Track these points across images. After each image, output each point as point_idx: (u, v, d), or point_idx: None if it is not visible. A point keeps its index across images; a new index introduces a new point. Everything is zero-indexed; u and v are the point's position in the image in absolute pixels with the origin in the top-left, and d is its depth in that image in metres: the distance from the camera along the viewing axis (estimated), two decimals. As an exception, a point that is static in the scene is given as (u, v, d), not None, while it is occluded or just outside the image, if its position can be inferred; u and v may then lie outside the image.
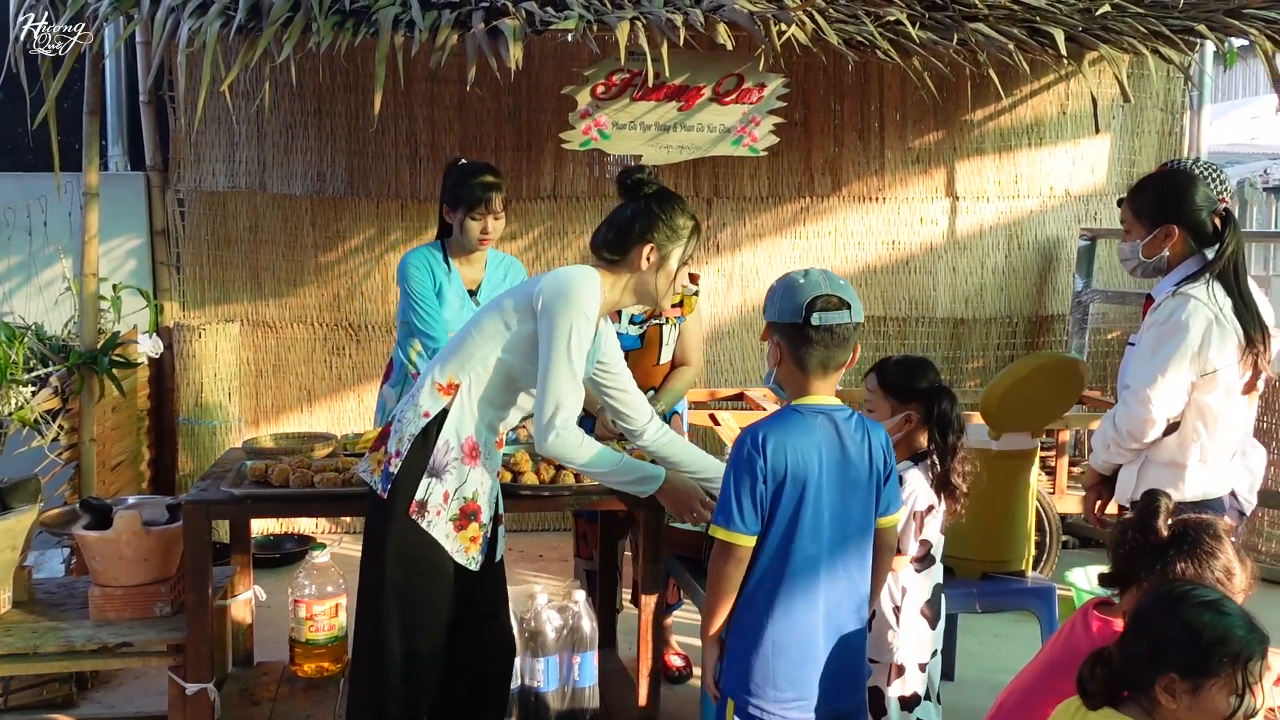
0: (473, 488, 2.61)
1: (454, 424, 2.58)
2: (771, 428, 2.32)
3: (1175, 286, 2.85)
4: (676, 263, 2.67)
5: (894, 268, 5.91)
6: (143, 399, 5.29)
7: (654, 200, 2.69)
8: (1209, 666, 1.87)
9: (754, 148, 4.69)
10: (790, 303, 2.32)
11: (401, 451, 2.57)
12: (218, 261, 5.54)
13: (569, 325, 2.51)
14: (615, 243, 2.68)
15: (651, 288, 2.67)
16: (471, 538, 2.61)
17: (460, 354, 2.64)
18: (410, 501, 2.55)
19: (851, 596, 2.38)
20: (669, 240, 2.65)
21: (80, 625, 3.02)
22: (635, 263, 2.65)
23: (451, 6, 4.14)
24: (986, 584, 3.19)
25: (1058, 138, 5.94)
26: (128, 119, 5.57)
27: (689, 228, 2.70)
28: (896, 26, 4.28)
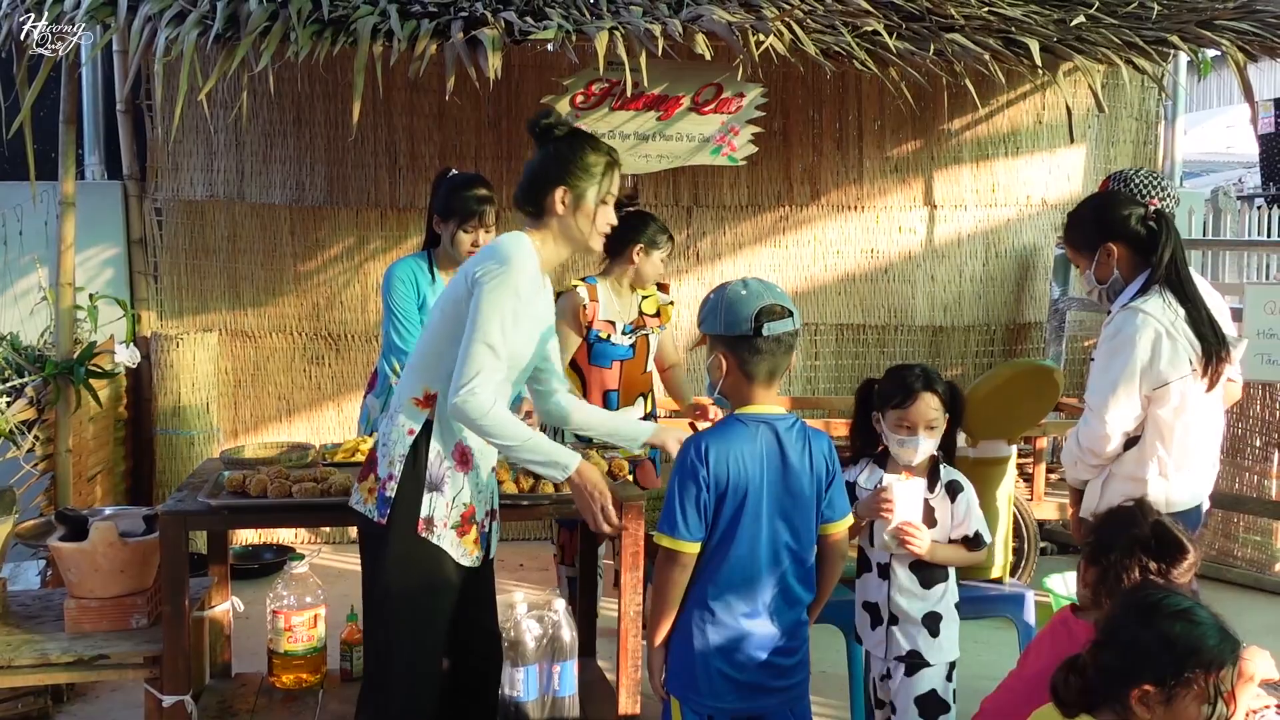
0: (469, 492, 2.60)
1: (440, 434, 2.55)
2: (714, 437, 2.41)
3: (1129, 300, 2.88)
4: (594, 201, 2.60)
5: (873, 276, 5.94)
6: (120, 409, 5.26)
7: (562, 143, 2.62)
8: (1183, 677, 1.89)
9: (733, 157, 4.71)
10: (736, 314, 2.38)
11: (395, 474, 2.54)
12: (195, 271, 5.52)
13: (498, 301, 2.45)
14: (529, 193, 2.63)
15: (575, 231, 2.61)
16: (474, 540, 2.63)
17: (427, 363, 2.60)
18: (417, 521, 2.53)
19: (791, 602, 2.48)
20: (581, 180, 2.58)
21: (56, 638, 2.99)
22: (552, 209, 2.59)
23: (430, 16, 4.15)
24: (963, 590, 3.19)
25: (1034, 147, 5.99)
26: (104, 128, 5.55)
27: (602, 164, 2.61)
28: (874, 37, 4.31)
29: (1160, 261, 2.86)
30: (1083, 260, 2.99)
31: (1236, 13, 4.62)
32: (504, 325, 2.46)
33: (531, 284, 2.55)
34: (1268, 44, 4.52)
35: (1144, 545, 2.31)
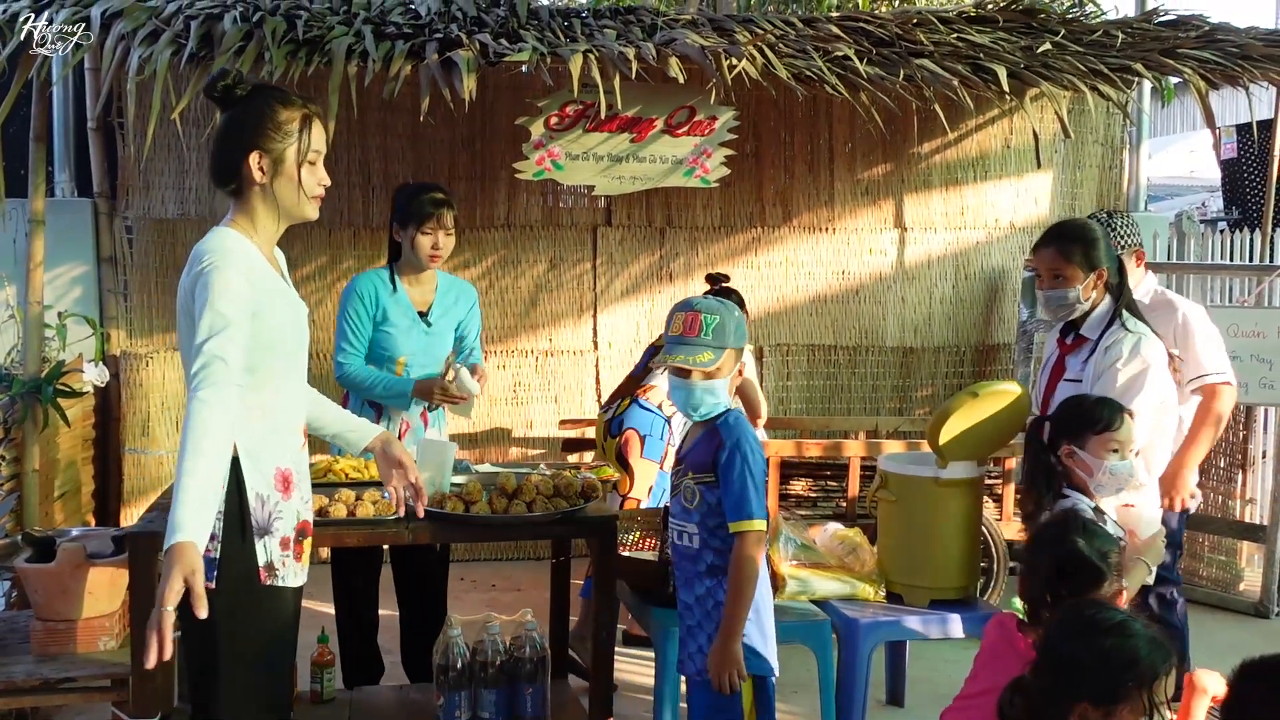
0: (295, 513, 2.38)
1: (255, 476, 2.28)
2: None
3: (1118, 324, 3.11)
4: (295, 162, 2.30)
5: (844, 297, 6.00)
6: (86, 428, 5.20)
7: (247, 103, 2.31)
8: (1119, 692, 1.92)
9: (705, 179, 4.75)
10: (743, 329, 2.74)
11: (216, 533, 2.21)
12: (166, 289, 5.47)
13: (210, 304, 2.15)
14: (222, 168, 2.31)
15: (280, 200, 2.31)
16: (310, 551, 2.47)
17: None
18: (257, 572, 2.28)
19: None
20: (276, 140, 2.28)
21: (21, 660, 2.95)
22: (250, 179, 2.28)
23: (405, 37, 4.17)
24: (936, 610, 3.23)
25: (1002, 171, 6.07)
26: (75, 145, 5.52)
27: (297, 118, 2.30)
28: (844, 62, 4.38)
29: (1128, 293, 3.21)
30: (1077, 275, 3.14)
31: (1198, 41, 4.72)
32: (234, 343, 2.16)
33: (255, 269, 2.25)
34: (1229, 72, 4.62)
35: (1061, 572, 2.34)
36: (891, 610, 3.25)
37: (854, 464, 4.76)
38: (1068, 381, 3.19)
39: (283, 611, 2.38)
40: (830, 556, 3.44)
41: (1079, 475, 2.84)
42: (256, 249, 2.30)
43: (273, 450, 2.32)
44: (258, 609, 2.32)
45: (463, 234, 5.61)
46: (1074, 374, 3.18)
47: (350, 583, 3.87)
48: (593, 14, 4.85)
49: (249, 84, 2.33)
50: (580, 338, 5.77)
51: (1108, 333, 3.13)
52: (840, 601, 3.28)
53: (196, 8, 4.08)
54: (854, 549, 3.48)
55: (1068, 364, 3.23)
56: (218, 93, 2.31)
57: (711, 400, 2.66)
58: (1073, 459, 2.84)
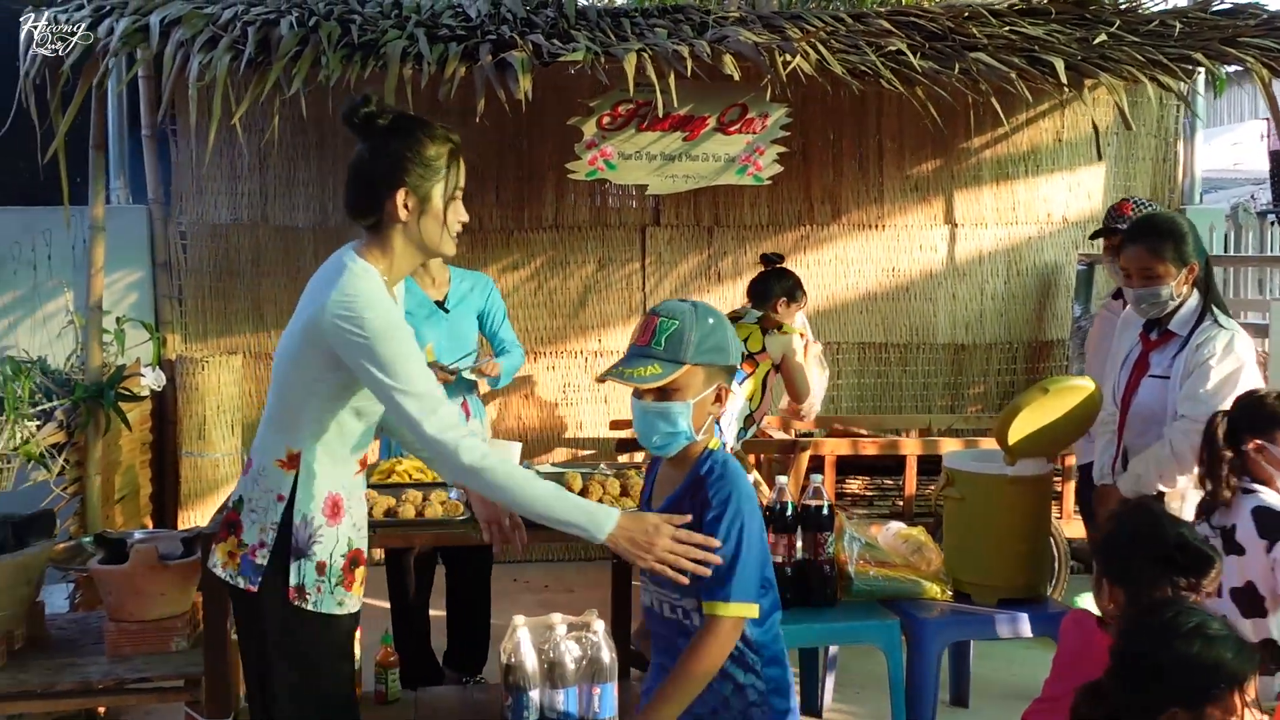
0: (346, 540, 2.32)
1: (305, 497, 2.25)
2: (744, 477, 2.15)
3: (1210, 320, 3.08)
4: (442, 200, 2.21)
5: (894, 294, 5.95)
6: (143, 432, 5.26)
7: (392, 135, 2.19)
8: (1209, 695, 1.88)
9: (758, 176, 4.73)
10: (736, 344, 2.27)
11: (266, 541, 2.24)
12: (220, 294, 5.53)
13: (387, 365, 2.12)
14: (363, 202, 2.21)
15: (421, 239, 2.21)
16: (361, 581, 2.37)
17: (286, 420, 2.26)
18: (287, 589, 2.25)
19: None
20: (424, 178, 2.18)
21: (96, 661, 2.98)
22: (395, 216, 2.18)
23: (458, 39, 4.18)
24: (1006, 609, 3.19)
25: (1054, 165, 6.00)
26: (129, 153, 5.58)
27: (444, 154, 2.21)
28: (898, 56, 4.34)
29: (1215, 288, 3.19)
30: (1170, 271, 3.08)
31: (1260, 29, 4.64)
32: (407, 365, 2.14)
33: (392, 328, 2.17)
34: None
35: (1171, 563, 2.29)
36: (960, 610, 3.21)
37: (910, 462, 4.72)
38: (1154, 378, 3.14)
39: (320, 637, 2.30)
40: (895, 555, 3.40)
41: (1266, 469, 2.79)
42: (384, 285, 2.21)
43: (330, 474, 2.28)
44: (293, 628, 2.28)
45: (510, 236, 5.65)
46: (1161, 370, 3.13)
47: (405, 584, 3.90)
48: (641, 13, 4.84)
49: (390, 112, 2.20)
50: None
51: (1199, 329, 3.08)
52: (908, 601, 3.24)
53: (253, 14, 4.11)
54: (919, 547, 3.44)
55: (1152, 360, 3.17)
56: (359, 120, 2.18)
57: (667, 429, 2.07)
58: (1263, 454, 2.78)
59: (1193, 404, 3.01)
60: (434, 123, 2.25)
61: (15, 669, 2.92)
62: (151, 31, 3.93)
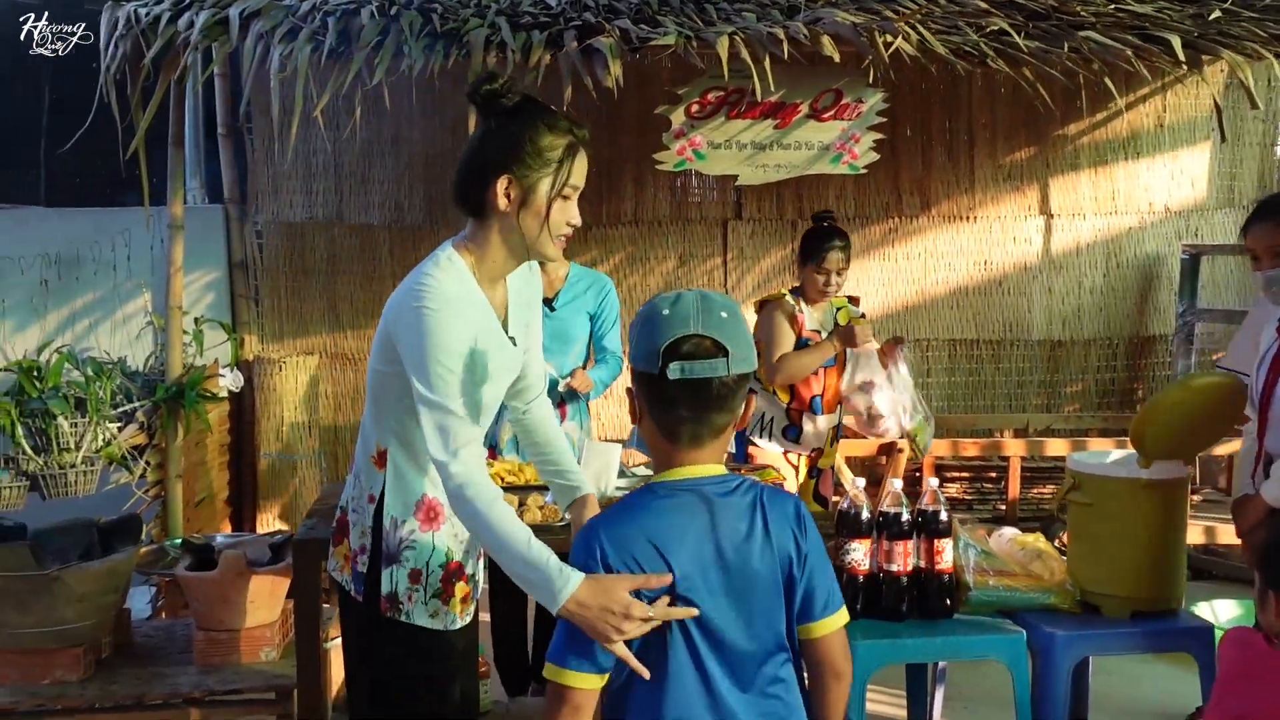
0: (445, 550, 2.15)
1: (394, 497, 2.12)
2: (613, 522, 1.75)
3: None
4: (548, 195, 2.01)
5: (986, 289, 5.70)
6: (221, 434, 5.20)
7: (510, 118, 2.01)
8: None
9: (854, 165, 4.52)
10: (646, 344, 1.70)
11: (365, 546, 2.13)
12: (295, 293, 5.46)
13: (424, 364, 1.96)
14: (467, 186, 2.04)
15: (519, 234, 2.02)
16: (463, 598, 2.20)
17: (374, 415, 2.14)
18: (379, 599, 2.12)
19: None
20: (532, 168, 1.99)
21: (185, 671, 2.89)
22: (494, 205, 2.01)
23: (541, 26, 4.04)
24: (1141, 623, 2.96)
25: (1156, 151, 5.71)
26: (205, 151, 5.54)
27: (561, 147, 2.00)
28: (1001, 36, 4.12)
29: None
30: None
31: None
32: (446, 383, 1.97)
33: (467, 311, 2.01)
34: None
35: None
36: (1090, 623, 2.99)
37: (1014, 464, 4.49)
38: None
39: (415, 651, 2.14)
40: (1013, 563, 3.20)
41: None
42: (476, 284, 2.06)
43: (427, 475, 2.11)
44: (386, 640, 2.14)
45: (589, 231, 5.50)
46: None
47: (500, 591, 3.76)
48: (726, -2, 4.66)
49: (517, 94, 2.03)
50: None
51: None
52: (1031, 613, 3.03)
53: (332, 3, 4.01)
54: (1038, 555, 3.23)
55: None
56: (480, 97, 2.01)
57: None
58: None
59: None
60: (560, 112, 2.07)
61: (104, 679, 2.84)
62: (231, 24, 3.85)
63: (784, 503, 1.78)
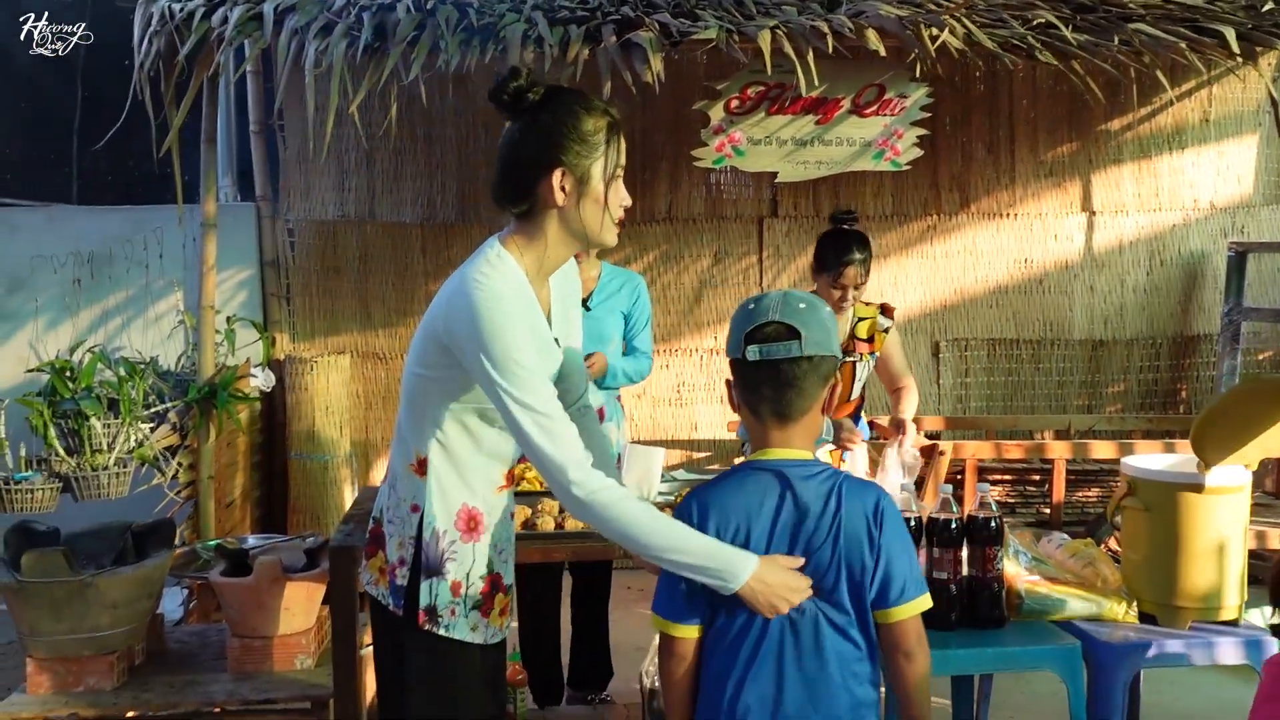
0: (485, 561, 2.10)
1: (435, 507, 2.05)
2: (709, 491, 1.97)
3: None
4: (603, 179, 1.99)
5: (1027, 287, 5.59)
6: (252, 434, 5.16)
7: (544, 110, 1.96)
8: None
9: (896, 161, 4.43)
10: (734, 335, 1.93)
11: (406, 559, 2.05)
12: (327, 292, 5.42)
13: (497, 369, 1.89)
14: (514, 186, 1.98)
15: (580, 225, 1.99)
16: (501, 610, 2.15)
17: (413, 421, 2.06)
18: (418, 612, 2.05)
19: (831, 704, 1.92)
20: (582, 155, 1.96)
21: (219, 679, 2.83)
22: (549, 200, 1.96)
23: (578, 21, 3.97)
24: (1200, 633, 2.86)
25: (1201, 147, 5.59)
26: (237, 149, 5.50)
27: (603, 128, 1.98)
28: (1048, 29, 4.02)
29: None
30: None
31: None
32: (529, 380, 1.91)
33: (524, 309, 1.98)
34: None
35: None
36: (1150, 632, 2.89)
37: (1059, 466, 4.38)
38: None
39: (452, 666, 2.07)
40: (1064, 571, 3.10)
41: None
42: (527, 282, 2.01)
43: (462, 483, 2.06)
44: (424, 655, 2.06)
45: (623, 228, 5.40)
46: None
47: (533, 598, 3.69)
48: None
49: (542, 85, 1.98)
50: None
51: None
52: (1086, 622, 2.93)
53: (367, -1, 3.95)
54: (1090, 562, 3.12)
55: None
56: (508, 96, 1.96)
57: None
58: None
59: None
60: (590, 95, 2.03)
61: (137, 687, 2.79)
62: (266, 19, 3.80)
63: (864, 493, 1.93)
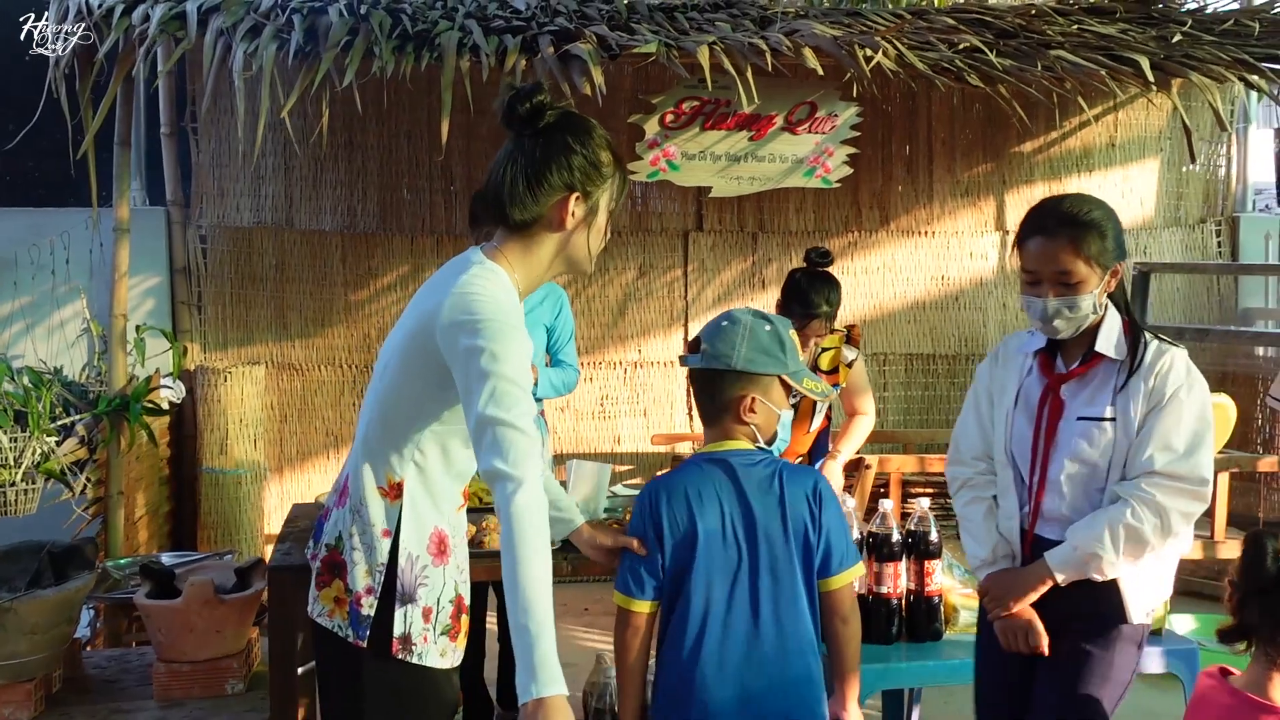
0: (453, 584, 2.05)
1: (410, 533, 1.98)
2: (665, 479, 2.26)
3: (1150, 337, 2.32)
4: (607, 212, 2.00)
5: (943, 303, 5.73)
6: (162, 447, 4.96)
7: (567, 132, 1.94)
8: None
9: (827, 179, 4.49)
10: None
11: (374, 587, 1.96)
12: (241, 301, 5.25)
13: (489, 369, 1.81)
14: (523, 201, 1.92)
15: (577, 251, 1.99)
16: (464, 631, 2.10)
17: (387, 442, 1.99)
18: (390, 641, 1.97)
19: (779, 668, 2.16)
20: (597, 185, 1.95)
21: (144, 707, 2.70)
22: (557, 221, 1.94)
23: (514, 31, 3.93)
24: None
25: (1107, 170, 5.80)
26: (146, 152, 5.29)
27: (613, 161, 1.99)
28: (976, 54, 4.13)
29: (1131, 301, 2.59)
30: (1090, 280, 2.28)
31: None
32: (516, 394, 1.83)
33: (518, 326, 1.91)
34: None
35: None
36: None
37: (980, 480, 4.48)
38: (1087, 421, 2.30)
39: (422, 692, 2.02)
40: (997, 584, 3.17)
41: None
42: (514, 291, 1.96)
43: (435, 507, 2.02)
44: (394, 684, 2.00)
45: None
46: (1096, 410, 2.30)
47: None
48: (695, 8, 4.59)
49: (559, 107, 1.96)
50: (671, 348, 5.50)
51: (1150, 349, 2.29)
52: (1021, 634, 3.00)
53: (297, 1, 3.85)
54: (1021, 575, 3.21)
55: (1068, 396, 2.34)
56: (529, 109, 1.91)
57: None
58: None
59: (1170, 455, 2.25)
60: (597, 125, 2.02)
61: (57, 716, 2.64)
62: (189, 18, 3.66)
63: (803, 476, 2.22)
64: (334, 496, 2.09)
